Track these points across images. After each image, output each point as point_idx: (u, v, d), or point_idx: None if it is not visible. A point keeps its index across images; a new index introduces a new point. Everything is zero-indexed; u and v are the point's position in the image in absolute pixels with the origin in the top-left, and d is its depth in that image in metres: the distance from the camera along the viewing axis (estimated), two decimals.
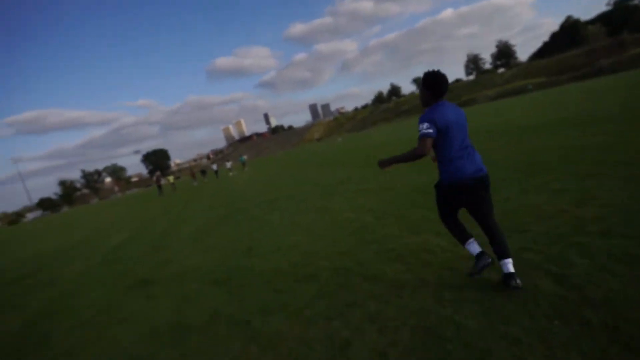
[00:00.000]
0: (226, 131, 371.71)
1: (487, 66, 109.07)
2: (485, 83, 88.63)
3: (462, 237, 2.88)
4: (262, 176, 20.99)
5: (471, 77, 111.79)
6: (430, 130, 2.53)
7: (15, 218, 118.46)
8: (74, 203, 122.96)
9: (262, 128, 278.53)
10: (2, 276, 8.82)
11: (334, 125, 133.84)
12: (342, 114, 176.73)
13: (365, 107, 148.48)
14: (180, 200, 18.97)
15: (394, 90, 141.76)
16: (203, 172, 32.83)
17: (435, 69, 2.73)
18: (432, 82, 2.65)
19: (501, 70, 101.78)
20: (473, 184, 2.59)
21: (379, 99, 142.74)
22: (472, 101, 72.63)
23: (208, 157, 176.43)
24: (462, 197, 2.67)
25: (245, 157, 37.26)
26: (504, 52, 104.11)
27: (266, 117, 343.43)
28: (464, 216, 2.90)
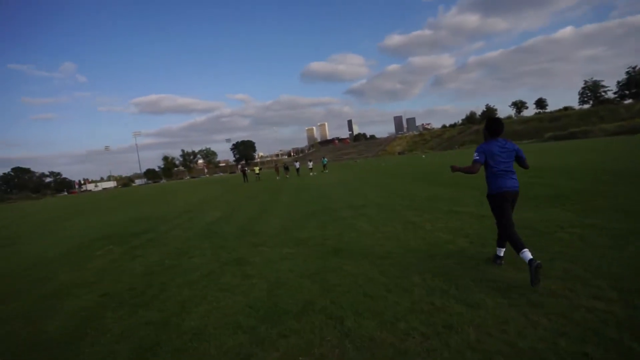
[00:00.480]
0: (309, 132, 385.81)
1: (610, 95, 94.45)
2: (605, 115, 76.84)
3: (520, 245, 3.62)
4: (344, 180, 21.29)
5: (586, 106, 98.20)
6: (478, 157, 3.89)
7: (127, 182, 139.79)
8: (171, 177, 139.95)
9: (344, 134, 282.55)
10: (125, 230, 10.45)
11: (418, 140, 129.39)
12: (427, 129, 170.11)
13: (454, 125, 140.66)
14: (265, 190, 20.26)
15: (489, 112, 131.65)
16: (286, 167, 34.63)
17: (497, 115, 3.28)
18: (491, 127, 3.98)
19: (628, 101, 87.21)
20: (508, 194, 3.86)
21: (470, 119, 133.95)
22: (583, 134, 63.63)
23: (289, 155, 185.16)
24: (504, 201, 3.88)
25: (327, 159, 38.23)
26: (636, 81, 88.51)
27: (349, 124, 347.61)
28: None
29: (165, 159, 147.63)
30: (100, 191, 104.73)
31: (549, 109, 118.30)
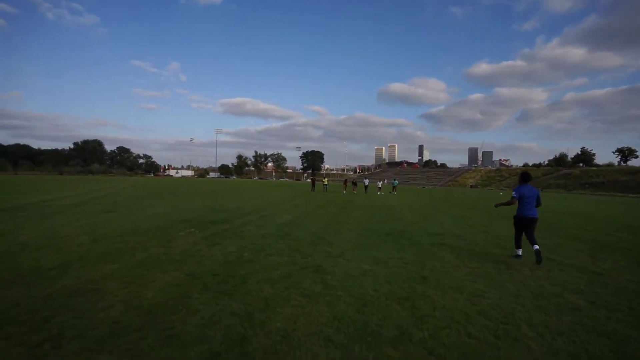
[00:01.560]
0: (378, 151, 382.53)
1: None
2: None
3: (518, 245, 6.74)
4: (415, 205, 20.37)
5: None
6: (516, 195, 6.50)
7: (203, 173, 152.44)
8: (241, 175, 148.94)
9: (414, 158, 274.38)
10: (203, 217, 11.11)
11: (494, 175, 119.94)
12: (505, 165, 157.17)
13: (538, 165, 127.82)
14: (333, 202, 20.23)
15: (585, 156, 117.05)
16: (354, 183, 34.42)
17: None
18: (524, 177, 6.77)
19: None
20: (526, 219, 6.42)
21: (559, 161, 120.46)
22: None
23: (355, 171, 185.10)
24: (520, 223, 6.52)
25: (397, 181, 37.19)
26: None
27: (420, 149, 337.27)
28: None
29: (240, 157, 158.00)
30: (179, 177, 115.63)
31: None
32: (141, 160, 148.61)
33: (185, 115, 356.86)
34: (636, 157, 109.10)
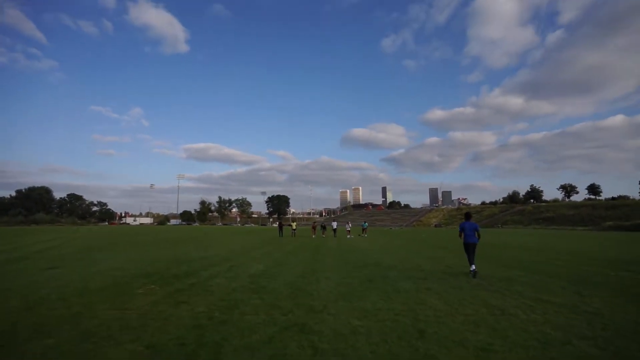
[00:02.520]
0: (343, 194, 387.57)
1: None
2: None
3: (470, 262, 9.25)
4: (388, 247, 20.06)
5: None
6: (460, 229, 9.68)
7: (163, 220, 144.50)
8: (204, 221, 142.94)
9: (378, 199, 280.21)
10: (166, 270, 9.98)
11: (455, 214, 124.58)
12: (464, 204, 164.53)
13: (495, 203, 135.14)
14: (304, 247, 19.45)
15: (534, 193, 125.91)
16: (323, 227, 33.76)
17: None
18: (465, 216, 9.91)
19: None
20: (469, 244, 9.36)
21: (513, 198, 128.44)
22: None
23: (321, 214, 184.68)
24: (466, 247, 9.44)
25: (367, 223, 37.11)
26: None
27: (384, 190, 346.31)
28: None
29: (203, 203, 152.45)
30: (137, 225, 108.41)
31: (602, 196, 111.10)
32: (95, 208, 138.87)
33: (146, 161, 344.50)
34: (577, 192, 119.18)
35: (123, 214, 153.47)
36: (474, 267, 9.12)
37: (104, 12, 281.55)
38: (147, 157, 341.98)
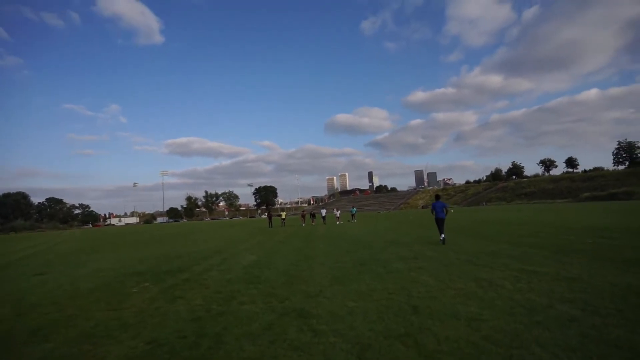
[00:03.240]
0: (330, 181, 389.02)
1: None
2: None
3: (440, 232, 11.83)
4: (377, 230, 20.39)
5: (621, 167, 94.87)
6: (431, 207, 12.25)
7: (149, 219, 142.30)
8: (192, 217, 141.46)
9: (364, 185, 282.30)
10: (157, 267, 9.92)
11: (441, 194, 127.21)
12: (448, 184, 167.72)
13: (478, 181, 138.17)
14: (295, 236, 19.57)
15: (516, 169, 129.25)
16: (312, 215, 33.94)
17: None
18: (435, 197, 12.53)
19: None
20: (439, 219, 11.85)
21: (496, 176, 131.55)
22: (626, 195, 60.53)
23: (309, 203, 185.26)
24: (437, 222, 11.91)
25: (355, 209, 37.46)
26: None
27: (370, 175, 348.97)
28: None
29: (189, 199, 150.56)
30: (123, 226, 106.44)
31: (579, 168, 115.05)
32: (77, 211, 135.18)
33: (127, 159, 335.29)
34: (556, 167, 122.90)
35: (107, 215, 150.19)
36: (443, 236, 11.84)
37: (69, 3, 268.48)
38: (128, 154, 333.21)
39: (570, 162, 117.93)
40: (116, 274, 9.14)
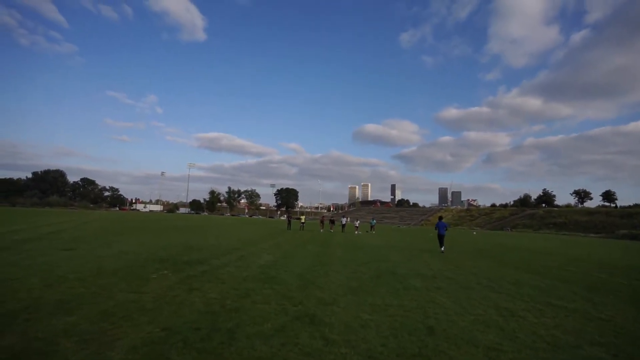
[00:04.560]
0: (352, 190, 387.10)
1: None
2: None
3: (440, 245, 15.70)
4: (396, 244, 20.05)
5: None
6: (435, 227, 17.78)
7: (172, 208, 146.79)
8: (213, 211, 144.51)
9: (386, 197, 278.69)
10: (178, 257, 10.18)
11: (464, 215, 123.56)
12: (473, 205, 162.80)
13: (505, 206, 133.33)
14: (312, 241, 19.56)
15: (547, 197, 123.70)
16: (332, 221, 33.84)
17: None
18: (439, 218, 17.23)
19: None
20: (440, 235, 15.82)
21: (524, 202, 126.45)
22: None
23: (328, 209, 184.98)
24: (439, 237, 15.88)
25: (375, 220, 37.07)
26: None
27: (393, 188, 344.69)
28: None
29: (212, 193, 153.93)
30: (147, 212, 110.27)
31: (617, 203, 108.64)
32: (107, 193, 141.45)
33: (158, 149, 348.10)
34: (591, 199, 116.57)
35: (134, 200, 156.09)
36: (443, 248, 15.53)
37: None
38: (160, 144, 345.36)
39: (608, 196, 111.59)
40: (138, 258, 9.44)
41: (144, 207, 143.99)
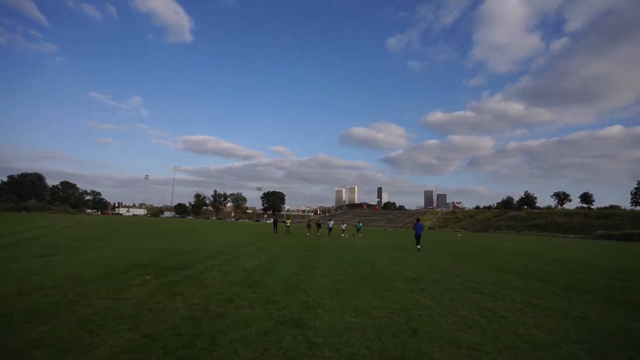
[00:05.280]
0: (339, 193, 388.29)
1: None
2: None
3: (417, 244, 17.64)
4: (382, 247, 20.18)
5: (639, 208, 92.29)
6: (414, 227, 18.81)
7: (157, 212, 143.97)
8: (198, 215, 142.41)
9: (373, 199, 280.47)
10: (160, 262, 9.98)
11: (450, 217, 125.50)
12: (458, 208, 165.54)
13: (489, 208, 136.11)
14: (299, 244, 19.50)
15: (528, 199, 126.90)
16: (318, 225, 33.83)
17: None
18: (416, 220, 20.12)
19: None
20: (417, 235, 17.94)
21: (507, 204, 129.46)
22: (638, 236, 58.76)
23: (315, 212, 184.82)
24: (416, 237, 17.96)
25: (361, 223, 37.26)
26: None
27: (379, 191, 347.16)
28: None
29: (198, 196, 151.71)
30: (130, 216, 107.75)
31: (594, 205, 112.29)
32: (88, 197, 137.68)
33: (142, 152, 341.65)
34: (570, 201, 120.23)
35: (116, 204, 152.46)
36: (418, 247, 17.42)
37: None
38: (144, 147, 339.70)
39: (586, 198, 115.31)
40: (119, 264, 9.22)
41: (127, 211, 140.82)
